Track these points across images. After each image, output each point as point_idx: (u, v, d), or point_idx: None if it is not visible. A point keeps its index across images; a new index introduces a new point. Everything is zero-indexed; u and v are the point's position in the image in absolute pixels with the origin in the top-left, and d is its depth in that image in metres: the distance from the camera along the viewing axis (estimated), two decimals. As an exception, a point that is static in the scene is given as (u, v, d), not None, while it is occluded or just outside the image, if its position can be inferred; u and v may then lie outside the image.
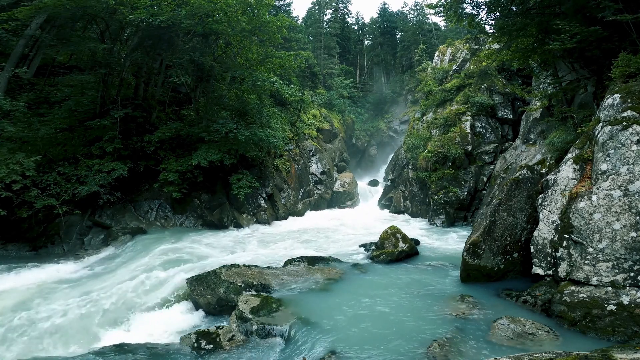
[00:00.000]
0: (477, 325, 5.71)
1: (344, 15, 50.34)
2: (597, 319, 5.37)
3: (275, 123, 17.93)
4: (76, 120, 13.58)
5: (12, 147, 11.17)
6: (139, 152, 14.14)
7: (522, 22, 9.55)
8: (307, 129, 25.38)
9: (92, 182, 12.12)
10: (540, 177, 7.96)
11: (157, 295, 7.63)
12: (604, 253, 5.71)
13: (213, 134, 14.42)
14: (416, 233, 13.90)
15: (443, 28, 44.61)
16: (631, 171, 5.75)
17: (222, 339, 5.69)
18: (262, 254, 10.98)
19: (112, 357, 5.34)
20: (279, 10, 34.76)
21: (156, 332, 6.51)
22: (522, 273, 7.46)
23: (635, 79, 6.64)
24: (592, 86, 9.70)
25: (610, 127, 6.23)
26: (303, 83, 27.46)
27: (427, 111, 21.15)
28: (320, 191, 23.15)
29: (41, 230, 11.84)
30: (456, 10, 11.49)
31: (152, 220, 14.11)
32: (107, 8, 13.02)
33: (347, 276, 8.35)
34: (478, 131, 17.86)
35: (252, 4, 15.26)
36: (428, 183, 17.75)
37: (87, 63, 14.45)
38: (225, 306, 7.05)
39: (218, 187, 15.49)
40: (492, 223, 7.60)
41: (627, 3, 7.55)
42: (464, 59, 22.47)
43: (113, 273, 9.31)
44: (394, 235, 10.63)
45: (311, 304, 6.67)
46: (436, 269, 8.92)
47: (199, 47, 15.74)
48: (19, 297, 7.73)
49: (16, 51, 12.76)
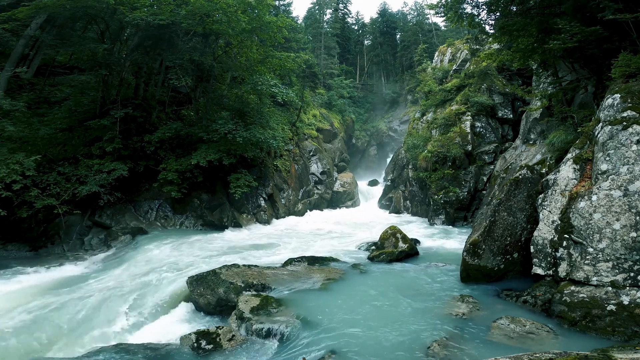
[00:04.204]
0: (477, 325, 5.71)
1: (344, 15, 50.32)
2: (597, 319, 5.37)
3: (275, 123, 17.93)
4: (76, 120, 13.58)
5: (12, 147, 11.16)
6: (139, 152, 14.14)
7: (522, 22, 9.55)
8: (307, 129, 25.38)
9: (92, 182, 12.12)
10: (540, 177, 7.96)
11: (157, 295, 7.63)
12: (604, 253, 5.71)
13: (212, 134, 14.42)
14: (416, 233, 13.90)
15: (443, 28, 44.57)
16: (631, 171, 5.75)
17: (222, 339, 5.69)
18: (261, 254, 10.98)
19: (112, 357, 5.34)
20: (279, 10, 34.73)
21: (156, 332, 6.50)
22: (522, 273, 7.45)
23: (635, 79, 6.64)
24: (592, 86, 9.70)
25: (610, 127, 6.23)
26: (303, 83, 27.46)
27: (427, 111, 21.15)
28: (320, 191, 23.15)
29: (41, 230, 11.83)
30: (456, 11, 11.50)
31: (152, 220, 14.11)
32: (107, 8, 13.01)
33: (347, 276, 8.35)
34: (478, 131, 17.86)
35: (252, 4, 15.25)
36: (428, 183, 17.75)
37: (87, 63, 14.44)
38: (225, 306, 7.05)
39: (218, 187, 15.49)
40: (492, 223, 7.60)
41: (627, 3, 7.55)
42: (464, 59, 22.46)
43: (113, 273, 9.30)
44: (394, 235, 10.63)
45: (311, 304, 6.67)
46: (436, 269, 8.92)
47: (199, 47, 15.74)
48: (18, 297, 7.73)
49: (16, 51, 12.76)
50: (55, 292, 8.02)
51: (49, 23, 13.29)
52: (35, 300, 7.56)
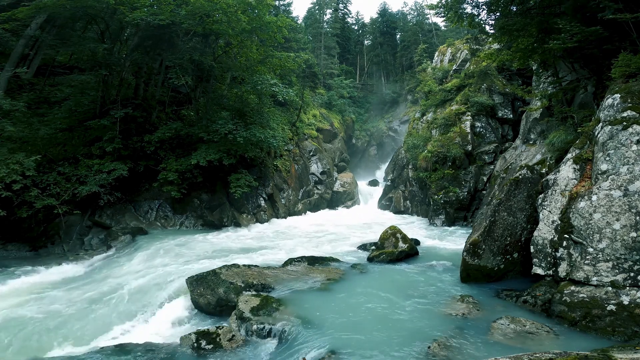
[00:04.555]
0: (477, 325, 5.70)
1: (344, 15, 50.33)
2: (597, 319, 5.37)
3: (275, 123, 17.93)
4: (76, 120, 13.59)
5: (12, 147, 11.17)
6: (139, 152, 14.15)
7: (522, 22, 9.55)
8: (307, 129, 25.38)
9: (92, 182, 12.12)
10: (540, 177, 7.96)
11: (157, 295, 7.62)
12: (604, 253, 5.71)
13: (212, 134, 14.42)
14: (416, 233, 13.89)
15: (443, 28, 44.57)
16: (631, 171, 5.75)
17: (222, 339, 5.69)
18: (261, 254, 10.97)
19: (112, 357, 5.34)
20: (279, 10, 34.74)
21: (156, 332, 6.50)
22: (522, 273, 7.45)
23: (635, 79, 6.63)
24: (592, 86, 9.69)
25: (610, 127, 6.22)
26: (303, 83, 27.46)
27: (427, 111, 21.15)
28: (320, 191, 23.15)
29: (41, 231, 11.84)
30: (457, 11, 11.50)
31: (152, 220, 14.11)
32: (107, 8, 13.03)
33: (347, 276, 8.34)
34: (478, 131, 17.86)
35: (252, 4, 15.26)
36: (428, 183, 17.75)
37: (87, 63, 14.45)
38: (225, 306, 7.04)
39: (218, 187, 15.49)
40: (492, 223, 7.60)
41: (627, 3, 7.54)
42: (464, 59, 22.46)
43: (113, 273, 9.30)
44: (394, 235, 10.63)
45: (311, 304, 6.67)
46: (436, 269, 8.92)
47: (199, 47, 15.75)
48: (18, 297, 7.73)
49: (16, 51, 12.77)
50: (54, 292, 8.03)
51: (49, 23, 13.30)
52: (34, 300, 7.57)
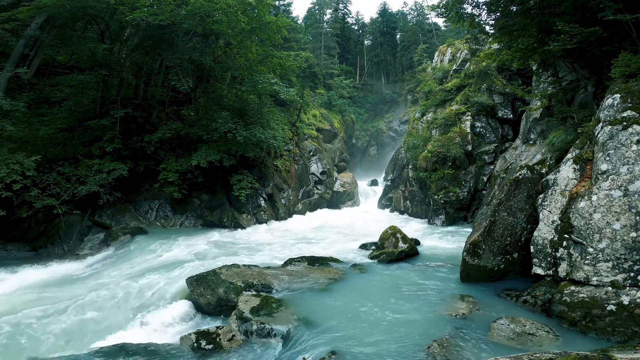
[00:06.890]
0: (477, 325, 5.71)
1: (344, 15, 50.37)
2: (597, 319, 5.37)
3: (275, 123, 17.93)
4: (76, 120, 13.59)
5: (12, 147, 11.16)
6: (139, 152, 14.14)
7: (522, 22, 9.54)
8: (307, 129, 25.38)
9: (92, 182, 12.12)
10: (540, 177, 7.96)
11: (157, 295, 7.63)
12: (604, 253, 5.71)
13: (212, 133, 14.42)
14: (416, 233, 13.90)
15: (443, 28, 44.59)
16: (631, 171, 5.75)
17: (222, 339, 5.69)
18: (261, 254, 10.98)
19: (112, 357, 5.34)
20: (279, 10, 34.76)
21: (156, 332, 6.50)
22: (522, 273, 7.45)
23: (635, 79, 6.63)
24: (592, 86, 9.69)
25: (610, 127, 6.22)
26: (303, 83, 27.46)
27: (427, 111, 21.15)
28: (320, 191, 23.15)
29: (41, 231, 11.83)
30: (457, 11, 11.50)
31: (152, 221, 14.11)
32: (107, 8, 13.02)
33: (347, 276, 8.34)
34: (478, 131, 17.86)
35: (252, 4, 15.25)
36: (428, 183, 17.75)
37: (87, 63, 14.44)
38: (225, 306, 7.04)
39: (218, 187, 15.49)
40: (492, 223, 7.60)
41: (627, 3, 7.54)
42: (464, 59, 22.46)
43: (112, 273, 9.30)
44: (394, 235, 10.63)
45: (311, 304, 6.67)
46: (436, 269, 8.92)
47: (199, 47, 15.74)
48: (18, 298, 7.73)
49: (16, 51, 12.76)
50: (54, 292, 8.03)
51: (49, 23, 13.28)
52: (34, 300, 7.56)
